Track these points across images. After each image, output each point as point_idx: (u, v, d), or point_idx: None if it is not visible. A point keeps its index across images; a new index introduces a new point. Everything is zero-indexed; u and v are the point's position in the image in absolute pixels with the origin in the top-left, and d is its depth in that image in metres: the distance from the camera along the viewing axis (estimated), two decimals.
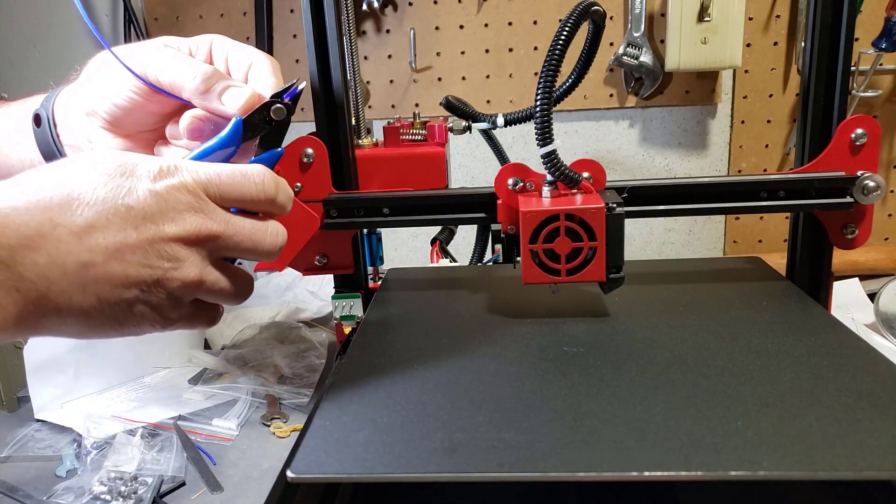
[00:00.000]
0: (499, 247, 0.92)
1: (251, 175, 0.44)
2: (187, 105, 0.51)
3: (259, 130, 0.48)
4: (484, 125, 0.82)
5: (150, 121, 0.54)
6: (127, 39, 1.23)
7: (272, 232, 0.45)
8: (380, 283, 0.75)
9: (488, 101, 1.21)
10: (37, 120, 0.55)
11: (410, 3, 1.18)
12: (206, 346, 0.95)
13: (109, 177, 0.39)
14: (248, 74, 0.52)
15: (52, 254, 0.37)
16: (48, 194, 0.38)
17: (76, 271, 0.37)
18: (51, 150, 0.55)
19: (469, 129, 0.82)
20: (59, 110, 0.54)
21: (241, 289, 0.46)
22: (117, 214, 0.39)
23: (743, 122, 1.17)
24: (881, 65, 1.06)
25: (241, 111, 0.48)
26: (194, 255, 0.41)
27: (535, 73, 1.18)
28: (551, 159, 0.58)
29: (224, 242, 0.43)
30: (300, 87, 0.50)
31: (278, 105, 0.48)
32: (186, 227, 0.41)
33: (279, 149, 0.49)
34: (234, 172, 0.43)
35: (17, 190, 0.38)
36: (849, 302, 0.97)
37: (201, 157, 0.46)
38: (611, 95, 1.18)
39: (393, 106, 1.23)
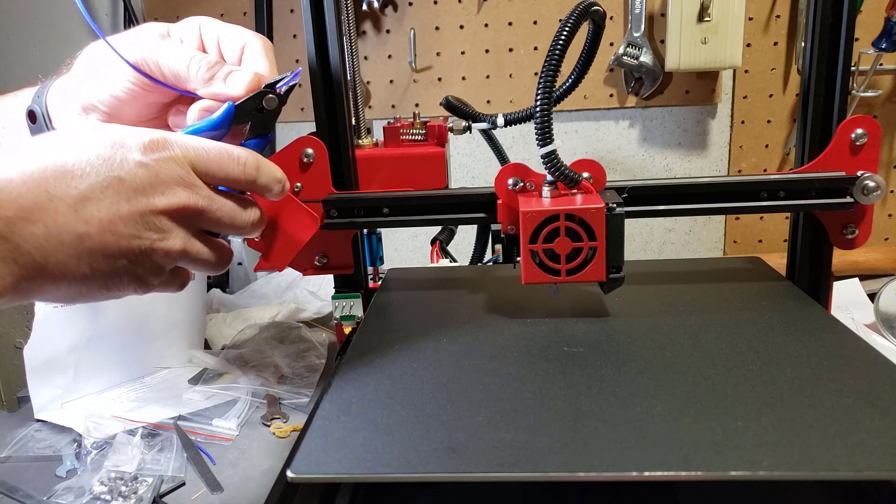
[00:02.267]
0: (499, 247, 0.92)
1: (235, 156, 0.46)
2: (187, 93, 0.52)
3: (249, 118, 0.49)
4: (484, 125, 0.82)
5: (150, 111, 0.55)
6: None
7: (249, 211, 0.48)
8: (380, 283, 0.75)
9: (488, 101, 1.21)
10: (31, 116, 0.55)
11: (410, 3, 1.18)
12: (207, 346, 0.95)
13: (102, 148, 0.40)
14: (241, 57, 0.53)
15: (50, 226, 0.38)
16: (42, 165, 0.39)
17: (72, 243, 0.39)
18: None
19: (469, 129, 0.82)
20: (54, 105, 0.54)
21: (220, 259, 0.48)
22: (110, 187, 0.40)
23: (743, 122, 1.17)
24: (881, 65, 1.06)
25: (245, 93, 0.49)
26: (179, 228, 0.43)
27: (535, 73, 1.18)
28: (551, 159, 0.58)
29: (207, 216, 0.45)
30: (295, 80, 0.51)
31: (271, 95, 0.50)
32: (174, 200, 0.42)
33: (268, 135, 0.51)
34: (221, 151, 0.45)
35: (11, 161, 0.38)
36: (849, 302, 0.97)
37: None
38: (611, 95, 1.18)
39: (393, 106, 1.23)
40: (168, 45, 0.51)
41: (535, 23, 1.17)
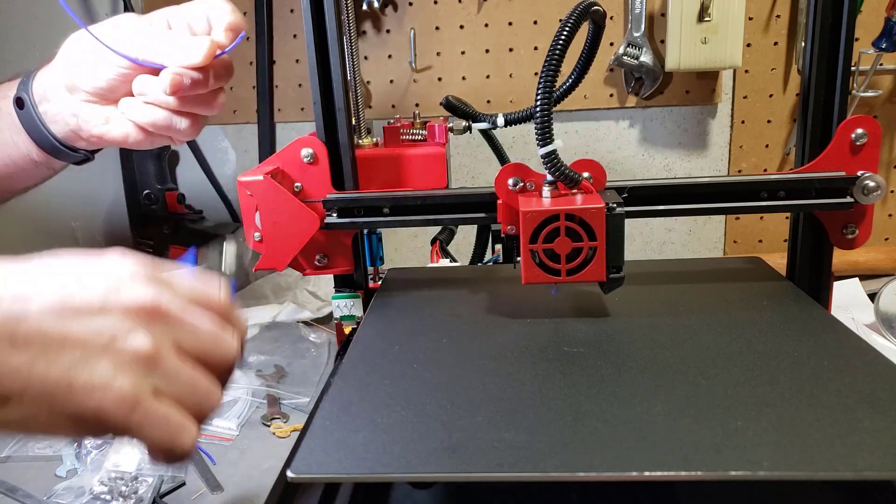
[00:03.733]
0: (499, 247, 0.92)
1: (208, 282, 0.40)
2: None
3: None
4: (484, 125, 0.82)
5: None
6: None
7: (231, 334, 0.39)
8: (380, 283, 0.75)
9: (488, 101, 1.21)
10: (19, 103, 0.57)
11: (410, 3, 1.18)
12: None
13: (55, 272, 0.34)
14: (209, 23, 0.61)
15: None
16: None
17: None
18: (38, 130, 0.59)
19: (469, 129, 0.82)
20: (38, 90, 0.58)
21: (213, 402, 0.38)
22: (57, 292, 0.33)
23: (743, 122, 1.17)
24: (881, 65, 1.05)
25: (204, 60, 0.57)
26: (148, 328, 0.34)
27: (536, 73, 1.18)
28: (551, 159, 0.58)
29: (183, 330, 0.36)
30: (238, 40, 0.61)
31: None
32: (139, 295, 0.34)
33: None
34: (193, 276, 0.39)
35: None
36: (849, 302, 0.97)
37: None
38: (611, 95, 1.18)
39: (393, 106, 1.23)
40: (146, 30, 0.58)
41: (535, 23, 1.17)
